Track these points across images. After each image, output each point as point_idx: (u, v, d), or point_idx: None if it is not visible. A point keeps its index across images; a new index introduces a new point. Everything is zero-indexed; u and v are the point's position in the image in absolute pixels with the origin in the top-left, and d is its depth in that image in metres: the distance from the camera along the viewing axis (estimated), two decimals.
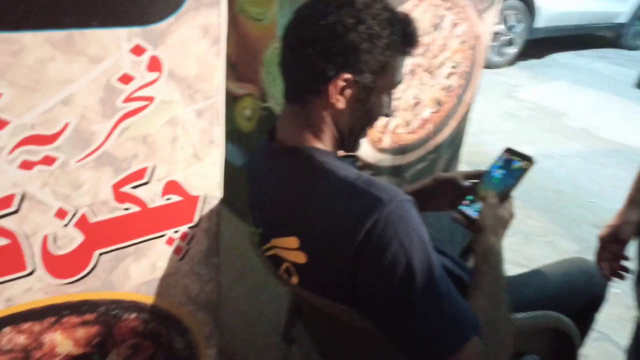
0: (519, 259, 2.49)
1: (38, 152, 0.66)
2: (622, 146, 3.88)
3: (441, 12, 1.49)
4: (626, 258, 1.25)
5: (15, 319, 0.74)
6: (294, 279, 0.91)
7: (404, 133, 1.64)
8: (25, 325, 0.75)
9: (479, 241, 0.98)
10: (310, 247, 0.86)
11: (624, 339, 1.68)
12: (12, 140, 0.64)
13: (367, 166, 1.62)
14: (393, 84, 0.90)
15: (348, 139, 0.93)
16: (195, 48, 0.73)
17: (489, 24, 1.62)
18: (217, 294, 0.95)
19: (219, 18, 0.73)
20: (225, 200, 0.90)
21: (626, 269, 1.25)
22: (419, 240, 0.80)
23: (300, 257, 0.87)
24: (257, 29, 1.49)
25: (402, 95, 1.56)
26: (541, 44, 6.09)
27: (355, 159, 1.04)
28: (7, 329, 0.73)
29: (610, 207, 3.01)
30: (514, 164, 1.06)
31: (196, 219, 0.86)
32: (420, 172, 1.77)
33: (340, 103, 0.86)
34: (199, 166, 0.82)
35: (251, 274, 1.52)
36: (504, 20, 5.29)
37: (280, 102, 0.97)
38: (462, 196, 1.08)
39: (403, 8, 1.41)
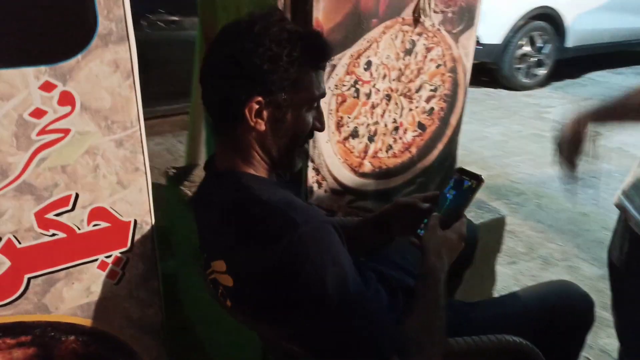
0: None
1: None
2: None
3: (412, 37, 1.50)
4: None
5: None
6: (228, 302, 0.92)
7: (386, 157, 1.64)
8: None
9: (421, 263, 0.97)
10: (235, 270, 0.87)
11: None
12: None
13: (349, 191, 1.63)
14: (311, 98, 0.91)
15: (279, 159, 0.95)
16: (107, 82, 0.78)
17: (468, 46, 1.62)
18: (161, 318, 0.98)
19: (128, 53, 0.78)
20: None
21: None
22: (332, 261, 0.80)
23: (228, 280, 0.89)
24: None
25: (381, 120, 1.57)
26: (576, 64, 5.93)
27: (297, 184, 1.06)
28: None
29: None
30: (465, 184, 1.05)
31: (129, 244, 0.90)
32: (408, 196, 1.75)
33: (260, 125, 0.88)
34: (125, 193, 0.86)
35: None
36: (531, 41, 5.20)
37: None
38: (422, 220, 1.08)
39: (370, 35, 1.44)
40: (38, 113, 0.74)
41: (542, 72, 5.42)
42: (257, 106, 0.87)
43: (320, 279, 0.79)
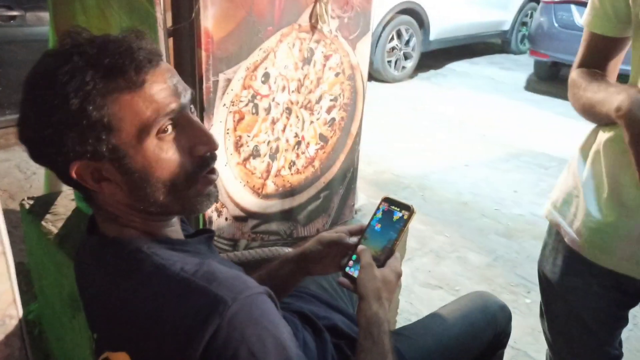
0: (432, 280, 2.45)
1: None
2: (519, 150, 4.02)
3: (310, 44, 1.38)
4: None
5: None
6: None
7: (289, 175, 1.51)
8: None
9: (360, 310, 0.86)
10: None
11: (541, 353, 1.65)
12: None
13: (252, 215, 1.47)
14: (145, 131, 0.67)
15: (168, 210, 0.75)
16: None
17: (364, 52, 1.54)
18: None
19: None
20: None
21: None
22: (273, 341, 0.66)
23: None
24: None
25: (282, 135, 1.43)
26: (438, 55, 6.31)
27: (211, 234, 0.88)
28: None
29: (513, 213, 3.07)
30: (395, 215, 0.96)
31: None
32: (314, 212, 1.65)
33: (107, 188, 0.70)
34: None
35: None
36: (398, 35, 5.40)
37: None
38: (348, 255, 0.96)
39: (266, 45, 1.29)
40: None
41: (409, 64, 5.67)
42: (84, 172, 0.68)
43: (273, 354, 0.65)
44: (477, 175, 3.56)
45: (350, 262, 0.94)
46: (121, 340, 0.70)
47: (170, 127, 0.69)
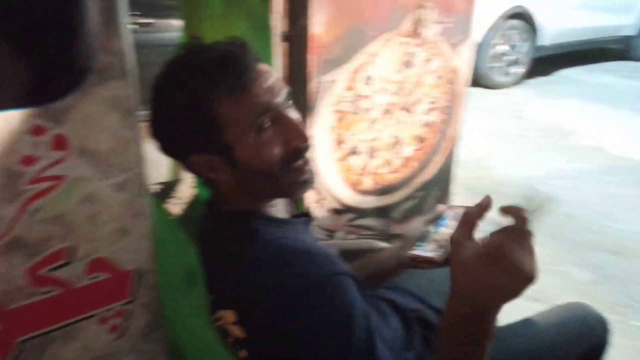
0: (529, 292, 2.37)
1: None
2: (636, 163, 3.73)
3: (411, 49, 1.45)
4: None
5: None
6: (242, 354, 0.85)
7: (386, 173, 1.58)
8: None
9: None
10: (248, 323, 0.80)
11: None
12: None
13: (349, 209, 1.56)
14: (247, 129, 0.78)
15: (269, 193, 0.87)
16: (104, 122, 0.69)
17: (466, 56, 1.57)
18: None
19: (127, 89, 0.70)
20: None
21: None
22: (347, 318, 0.74)
23: (240, 332, 0.81)
24: None
25: (380, 135, 1.51)
26: (549, 61, 6.01)
27: (309, 218, 0.98)
28: None
29: (625, 230, 2.87)
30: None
31: (130, 294, 0.81)
32: (408, 211, 1.70)
33: (221, 175, 0.82)
34: (126, 240, 0.78)
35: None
36: (507, 40, 5.23)
37: None
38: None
39: (370, 49, 1.37)
40: (28, 160, 0.65)
41: (518, 70, 5.47)
42: (199, 164, 0.81)
43: (338, 333, 0.74)
44: (586, 188, 3.36)
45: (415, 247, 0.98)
46: (231, 300, 0.82)
47: (269, 123, 0.80)
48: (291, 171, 0.83)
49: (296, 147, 0.81)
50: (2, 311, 0.70)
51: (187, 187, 1.77)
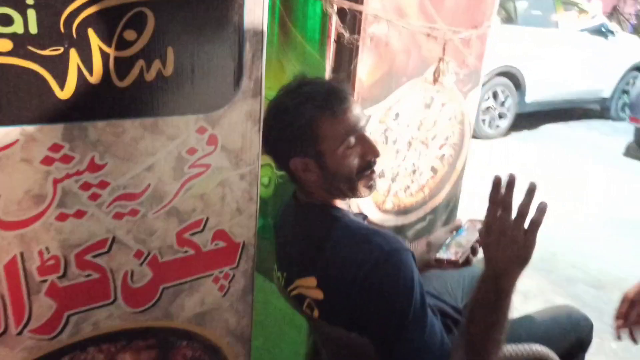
0: (517, 316, 2.63)
1: (127, 206, 0.89)
2: (613, 212, 4.08)
3: (432, 93, 1.76)
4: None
5: (97, 341, 0.93)
6: (315, 313, 1.10)
7: (404, 197, 1.86)
8: (104, 346, 0.93)
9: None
10: (326, 285, 1.05)
11: None
12: (110, 197, 0.87)
13: (373, 225, 1.83)
14: (339, 141, 1.03)
15: (344, 192, 1.11)
16: (240, 127, 0.97)
17: (474, 102, 1.90)
18: (250, 328, 1.13)
19: (259, 105, 0.98)
20: None
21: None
22: (412, 283, 0.99)
23: (319, 294, 1.06)
24: None
25: (402, 163, 1.80)
26: (533, 116, 6.47)
27: (364, 216, 1.26)
28: (91, 349, 0.92)
29: (603, 268, 3.17)
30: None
31: (236, 262, 1.06)
32: (419, 232, 1.98)
33: (311, 175, 1.07)
34: (240, 218, 1.04)
35: (270, 324, 1.69)
36: (494, 95, 5.67)
37: None
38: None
39: (400, 91, 1.69)
40: (191, 151, 0.92)
41: (503, 123, 5.89)
42: (297, 165, 1.05)
43: (403, 296, 0.98)
44: (567, 231, 3.68)
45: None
46: (312, 269, 1.07)
47: (353, 141, 1.08)
48: (363, 177, 1.09)
49: (369, 160, 1.09)
50: (157, 262, 0.95)
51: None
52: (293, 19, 1.61)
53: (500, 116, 5.83)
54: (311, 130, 1.03)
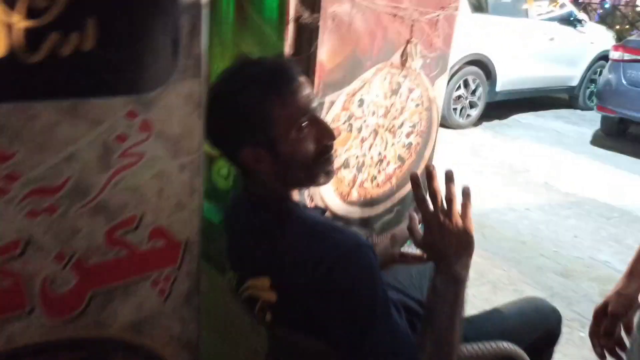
0: (488, 307, 2.59)
1: (43, 202, 0.77)
2: (580, 199, 4.10)
3: (399, 79, 1.67)
4: (616, 334, 1.16)
5: (13, 357, 0.81)
6: (268, 317, 1.00)
7: (370, 187, 1.78)
8: None
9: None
10: (280, 287, 0.96)
11: None
12: (22, 191, 0.75)
13: (337, 218, 1.74)
14: (290, 127, 0.94)
15: (300, 182, 1.03)
16: (179, 112, 0.86)
17: (441, 88, 1.82)
18: (197, 335, 1.03)
19: (200, 87, 0.87)
20: (204, 255, 1.00)
21: (620, 345, 1.16)
22: (372, 280, 0.91)
23: (272, 296, 0.97)
24: None
25: (368, 152, 1.71)
26: (503, 106, 6.49)
27: (323, 210, 1.16)
28: None
29: (571, 256, 3.17)
30: None
31: (178, 262, 0.96)
32: (387, 223, 1.90)
33: (263, 166, 0.97)
34: (181, 214, 0.93)
35: (230, 324, 1.59)
36: (465, 84, 5.64)
37: None
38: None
39: (364, 76, 1.59)
40: (121, 138, 0.81)
41: (474, 112, 5.88)
42: (248, 156, 0.96)
43: (364, 296, 0.90)
44: (536, 219, 3.68)
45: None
46: (264, 269, 0.98)
47: (306, 123, 0.98)
48: (321, 162, 0.99)
49: (326, 144, 0.99)
50: (82, 266, 0.84)
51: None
52: None
53: (472, 105, 5.82)
54: (258, 116, 0.93)
